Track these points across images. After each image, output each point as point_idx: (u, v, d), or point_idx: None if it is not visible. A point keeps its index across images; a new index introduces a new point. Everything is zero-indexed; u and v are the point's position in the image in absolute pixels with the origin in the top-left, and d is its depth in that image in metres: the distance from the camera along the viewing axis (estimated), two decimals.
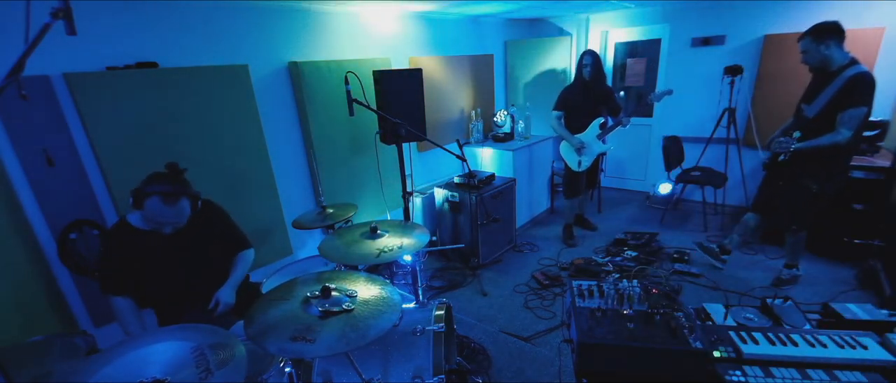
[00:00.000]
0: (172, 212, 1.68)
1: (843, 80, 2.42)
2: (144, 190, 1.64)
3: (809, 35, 2.52)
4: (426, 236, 1.99)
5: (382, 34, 3.40)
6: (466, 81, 4.24)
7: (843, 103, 2.42)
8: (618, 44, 5.08)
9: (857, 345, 1.31)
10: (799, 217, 2.82)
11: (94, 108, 2.01)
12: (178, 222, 1.74)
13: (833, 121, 2.47)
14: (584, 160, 3.72)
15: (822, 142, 2.50)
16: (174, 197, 1.67)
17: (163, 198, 1.64)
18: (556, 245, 3.99)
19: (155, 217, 1.68)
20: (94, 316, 2.16)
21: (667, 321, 1.36)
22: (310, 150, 3.00)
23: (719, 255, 3.30)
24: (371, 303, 1.39)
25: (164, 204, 1.65)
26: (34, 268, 1.95)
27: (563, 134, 3.72)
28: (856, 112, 2.39)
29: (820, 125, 2.53)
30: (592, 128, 3.67)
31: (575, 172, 3.78)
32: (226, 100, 2.46)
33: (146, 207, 1.65)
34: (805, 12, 3.69)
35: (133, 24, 2.12)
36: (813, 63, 2.56)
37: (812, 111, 2.57)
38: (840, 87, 2.43)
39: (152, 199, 1.63)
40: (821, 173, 2.63)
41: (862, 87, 2.38)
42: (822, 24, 2.49)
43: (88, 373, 1.09)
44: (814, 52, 2.51)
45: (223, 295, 1.86)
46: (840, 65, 2.46)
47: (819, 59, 2.51)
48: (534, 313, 2.95)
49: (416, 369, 1.63)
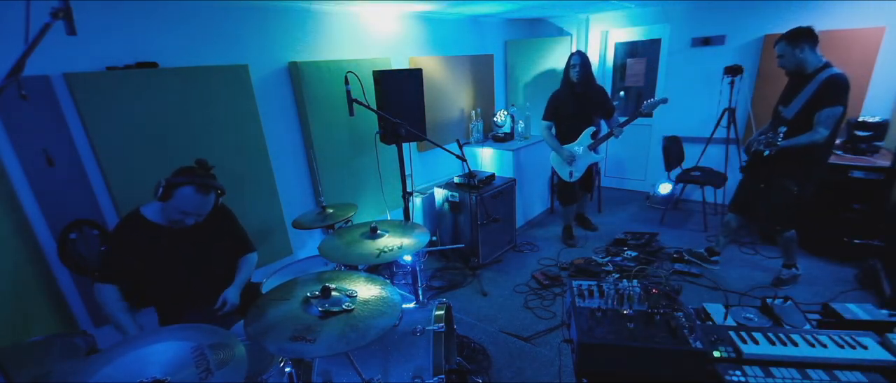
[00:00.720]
0: (203, 201, 1.76)
1: (819, 82, 2.50)
2: (178, 179, 1.70)
3: (784, 39, 2.60)
4: (426, 236, 1.99)
5: (382, 34, 3.40)
6: (466, 81, 4.24)
7: (819, 103, 2.51)
8: (618, 44, 5.08)
9: (857, 345, 1.31)
10: (781, 217, 2.86)
11: (94, 108, 2.00)
12: (201, 214, 1.79)
13: (810, 121, 2.55)
14: (576, 171, 3.67)
15: (800, 140, 2.57)
16: (207, 188, 1.76)
17: (197, 187, 1.72)
18: (556, 245, 3.99)
19: (183, 206, 1.72)
20: (94, 317, 2.16)
21: (667, 321, 1.36)
22: (310, 150, 3.00)
23: (708, 258, 3.32)
24: (371, 303, 1.39)
25: (197, 193, 1.72)
26: (34, 268, 1.95)
27: (553, 146, 3.64)
28: (831, 111, 2.48)
29: (798, 126, 2.60)
30: (584, 138, 3.62)
31: (567, 182, 3.75)
32: (226, 101, 2.46)
33: (176, 196, 1.70)
34: (805, 12, 3.69)
35: (133, 24, 2.12)
36: (789, 67, 2.65)
37: (790, 113, 2.65)
38: (816, 89, 2.51)
39: (186, 188, 1.70)
40: (799, 173, 2.69)
41: (837, 88, 2.47)
42: (797, 29, 2.57)
43: (88, 373, 1.09)
44: (789, 56, 2.60)
45: (230, 296, 1.87)
46: (816, 67, 2.55)
47: (795, 62, 2.60)
48: (534, 313, 2.95)
49: (416, 369, 1.63)
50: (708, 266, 3.32)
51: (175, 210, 1.73)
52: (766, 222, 2.97)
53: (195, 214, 1.78)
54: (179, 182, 1.70)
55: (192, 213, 1.76)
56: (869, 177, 3.12)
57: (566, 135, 3.65)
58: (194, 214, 1.77)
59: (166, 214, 1.78)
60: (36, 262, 1.95)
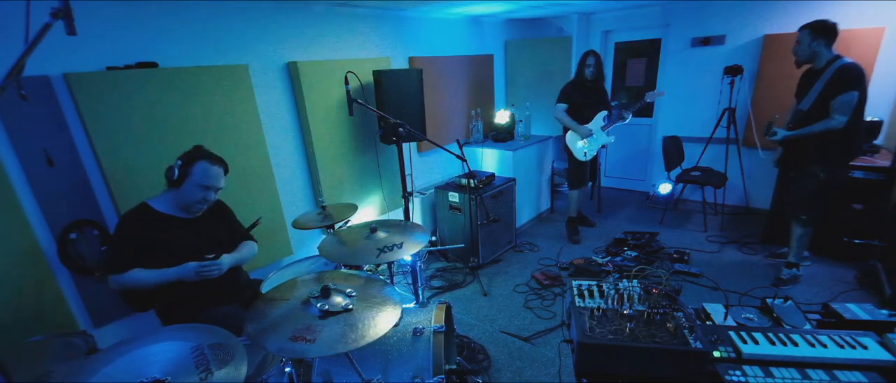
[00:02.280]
0: (218, 173, 1.83)
1: (831, 72, 2.56)
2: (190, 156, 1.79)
3: (809, 28, 2.65)
4: (426, 236, 2.00)
5: (382, 34, 3.40)
6: (466, 81, 4.24)
7: (833, 91, 2.56)
8: (618, 44, 5.08)
9: (857, 345, 1.31)
10: (808, 204, 2.85)
11: (94, 108, 2.00)
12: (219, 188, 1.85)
13: (827, 111, 2.61)
14: (590, 150, 3.83)
15: (816, 128, 2.63)
16: (219, 160, 1.85)
17: (211, 160, 1.81)
18: (556, 245, 3.99)
19: (202, 180, 1.78)
20: (94, 316, 2.16)
21: (667, 321, 1.36)
22: (310, 150, 2.99)
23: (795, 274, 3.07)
24: (371, 303, 1.39)
25: (212, 164, 1.81)
26: (34, 268, 1.95)
27: (571, 124, 3.77)
28: (846, 97, 2.52)
29: (814, 117, 2.66)
30: (596, 121, 3.79)
31: (580, 162, 3.88)
32: (226, 101, 2.46)
33: (194, 173, 1.77)
34: (805, 12, 3.69)
35: (133, 25, 2.12)
36: (801, 55, 2.70)
37: (805, 105, 2.71)
38: (828, 78, 2.57)
39: (201, 162, 1.78)
40: (824, 159, 2.71)
41: (849, 75, 2.52)
42: (824, 21, 2.62)
43: (88, 373, 1.09)
44: (805, 45, 2.66)
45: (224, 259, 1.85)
46: (827, 60, 2.61)
47: (808, 52, 2.66)
48: (534, 313, 2.95)
49: (416, 369, 1.63)
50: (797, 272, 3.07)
51: (196, 188, 1.78)
52: (795, 210, 2.93)
53: (215, 188, 1.84)
54: (193, 157, 1.79)
55: (212, 187, 1.82)
56: (869, 178, 3.12)
57: (579, 119, 3.80)
58: (213, 188, 1.83)
59: (184, 199, 1.81)
60: (36, 262, 1.95)
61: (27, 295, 1.93)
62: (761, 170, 4.15)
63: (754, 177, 4.26)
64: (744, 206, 4.41)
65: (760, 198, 4.24)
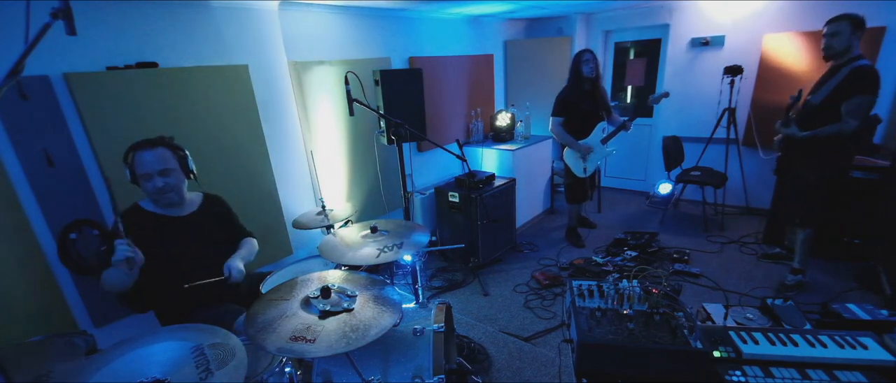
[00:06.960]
0: (156, 156, 1.73)
1: (847, 71, 2.47)
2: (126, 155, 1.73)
3: (849, 19, 2.49)
4: (426, 236, 1.99)
5: (382, 34, 3.40)
6: (466, 81, 4.24)
7: (848, 91, 2.47)
8: (618, 44, 5.08)
9: (857, 345, 1.31)
10: (802, 207, 2.81)
11: (94, 108, 2.00)
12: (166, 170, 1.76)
13: (836, 110, 2.52)
14: (590, 166, 3.67)
15: (827, 130, 2.55)
16: (149, 143, 1.74)
17: (141, 147, 1.73)
18: (556, 245, 3.99)
19: (142, 169, 1.71)
20: (94, 316, 2.16)
21: (667, 321, 1.36)
22: (310, 150, 2.99)
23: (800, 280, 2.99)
24: (371, 303, 1.39)
25: (143, 151, 1.72)
26: (34, 268, 1.95)
27: (568, 141, 3.57)
28: (861, 100, 2.44)
29: (824, 113, 2.58)
30: (596, 133, 3.61)
31: (579, 178, 3.72)
32: (226, 101, 2.46)
33: (135, 168, 1.72)
34: (805, 12, 3.70)
35: (133, 24, 2.12)
36: (837, 47, 2.53)
37: (817, 99, 2.63)
38: (844, 77, 2.48)
39: (134, 155, 1.72)
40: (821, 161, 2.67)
41: (866, 77, 2.43)
42: (861, 16, 2.49)
43: (88, 373, 1.09)
44: (844, 37, 2.49)
45: (234, 265, 1.85)
46: (851, 56, 2.51)
47: (845, 45, 2.50)
48: (534, 313, 2.95)
49: (416, 369, 1.63)
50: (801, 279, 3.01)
51: (144, 180, 1.73)
52: (790, 213, 2.90)
53: (160, 171, 1.74)
54: (127, 153, 1.73)
55: (155, 172, 1.73)
56: (868, 178, 3.12)
57: (579, 132, 3.59)
58: (158, 172, 1.74)
59: (148, 195, 1.78)
60: (36, 262, 1.95)
61: (27, 295, 1.93)
62: (761, 170, 4.15)
63: (754, 178, 4.26)
64: (744, 206, 4.41)
65: (760, 198, 4.24)
